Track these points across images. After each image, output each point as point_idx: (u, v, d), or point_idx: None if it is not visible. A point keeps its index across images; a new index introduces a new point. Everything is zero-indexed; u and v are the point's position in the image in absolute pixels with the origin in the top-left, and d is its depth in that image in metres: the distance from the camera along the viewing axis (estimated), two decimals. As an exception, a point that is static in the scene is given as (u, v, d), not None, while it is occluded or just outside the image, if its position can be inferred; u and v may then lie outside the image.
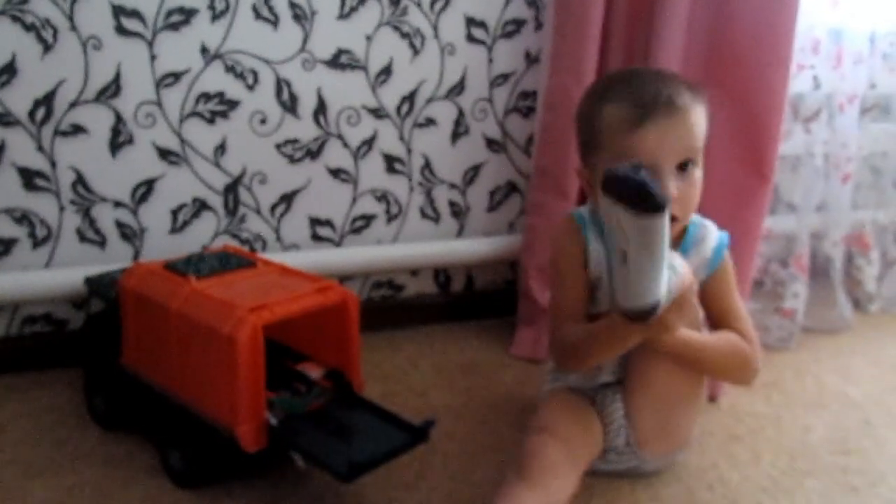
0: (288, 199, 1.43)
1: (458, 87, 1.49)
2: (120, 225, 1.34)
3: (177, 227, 1.37)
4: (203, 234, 1.39)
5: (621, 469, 1.11)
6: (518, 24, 1.50)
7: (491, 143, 1.55)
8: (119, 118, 1.29)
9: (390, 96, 1.45)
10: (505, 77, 1.52)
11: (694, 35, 1.34)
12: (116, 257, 1.34)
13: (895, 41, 1.65)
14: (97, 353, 1.17)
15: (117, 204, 1.33)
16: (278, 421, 0.94)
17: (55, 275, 1.29)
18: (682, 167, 1.00)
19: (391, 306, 1.57)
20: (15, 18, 1.20)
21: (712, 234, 1.10)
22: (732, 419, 1.30)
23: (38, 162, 1.27)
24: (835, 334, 1.68)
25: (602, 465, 1.10)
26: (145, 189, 1.34)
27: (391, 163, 1.49)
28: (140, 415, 1.11)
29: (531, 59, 1.52)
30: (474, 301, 1.64)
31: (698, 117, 1.00)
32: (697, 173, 1.01)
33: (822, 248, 1.70)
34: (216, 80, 1.33)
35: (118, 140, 1.30)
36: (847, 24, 1.57)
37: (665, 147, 0.97)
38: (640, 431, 1.06)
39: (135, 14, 1.26)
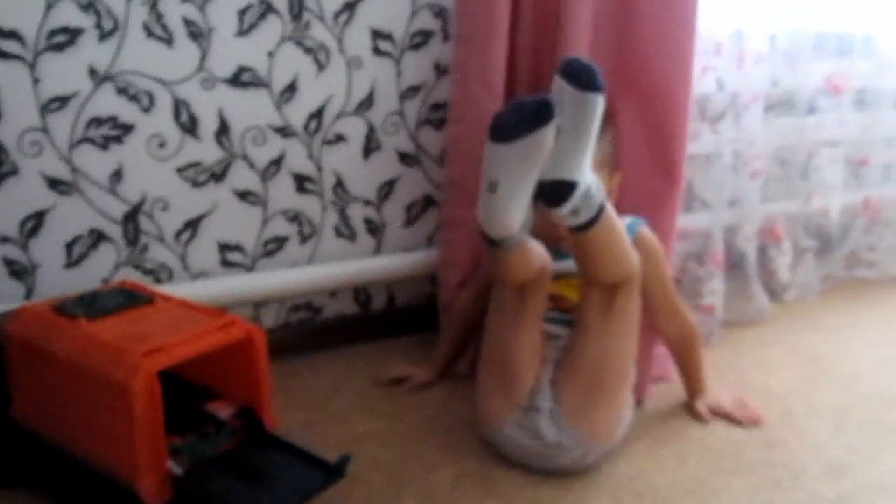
0: (193, 225, 1.37)
1: (368, 102, 1.46)
2: (8, 262, 1.25)
3: (73, 262, 1.29)
4: (102, 266, 1.32)
5: (551, 449, 1.11)
6: (426, 35, 1.47)
7: (404, 157, 1.52)
8: (1, 147, 1.20)
9: (297, 114, 1.40)
10: (415, 89, 1.49)
11: (600, 42, 1.34)
12: (6, 297, 1.25)
13: (794, 40, 1.69)
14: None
15: (4, 239, 1.24)
16: (184, 469, 0.89)
17: (-61, 321, 1.19)
18: None
19: (310, 330, 1.52)
20: None
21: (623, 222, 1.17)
22: (658, 422, 1.31)
23: (-88, 200, 1.17)
24: (754, 326, 1.71)
25: (530, 440, 1.12)
26: (34, 222, 1.25)
27: (301, 182, 1.44)
28: (35, 471, 1.03)
29: (441, 71, 1.50)
30: (397, 318, 1.60)
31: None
32: None
33: (735, 242, 1.73)
34: (108, 103, 1.26)
35: (1, 170, 1.21)
36: (748, 25, 1.60)
37: None
38: (564, 406, 1.11)
39: (13, 35, 1.17)
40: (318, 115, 1.42)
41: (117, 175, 1.29)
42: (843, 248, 1.96)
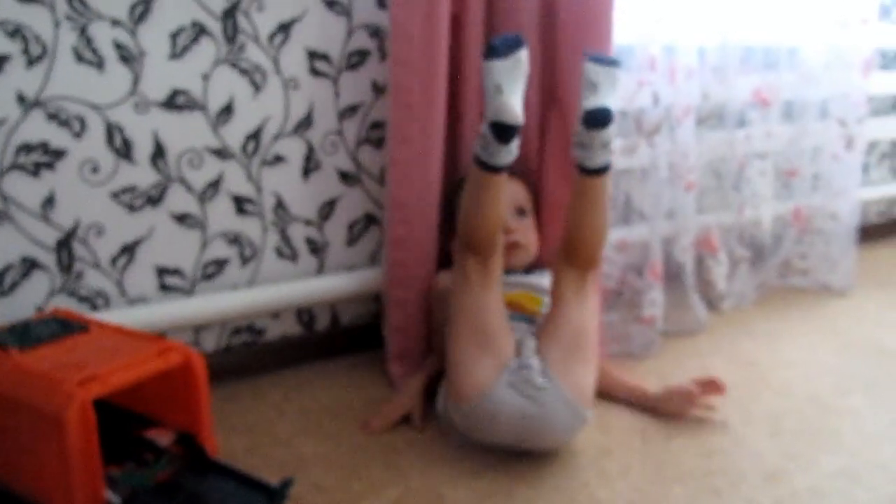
0: (130, 249, 1.35)
1: (306, 122, 1.46)
2: (-64, 294, 1.22)
3: (4, 290, 1.26)
4: (36, 295, 1.28)
5: (544, 407, 1.17)
6: (362, 55, 1.48)
7: (345, 177, 1.52)
8: (-74, 177, 1.17)
9: (234, 135, 1.39)
10: (353, 109, 1.50)
11: (533, 62, 1.38)
12: (-66, 330, 1.21)
13: (722, 54, 1.75)
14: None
15: (-69, 271, 1.21)
16: (122, 499, 0.87)
17: None
18: (520, 212, 1.46)
19: (253, 352, 1.51)
20: None
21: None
22: (601, 433, 1.32)
23: None
24: (693, 336, 1.75)
25: (524, 399, 1.18)
26: (-37, 252, 1.22)
27: (241, 204, 1.43)
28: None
29: (379, 90, 1.51)
30: (341, 338, 1.59)
31: (523, 185, 1.49)
32: (529, 221, 1.48)
33: (673, 254, 1.77)
34: (38, 129, 1.23)
35: (-74, 201, 1.18)
36: (678, 40, 1.64)
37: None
38: (551, 363, 1.20)
39: (-64, 63, 1.15)
40: (255, 136, 1.41)
41: (49, 202, 1.26)
42: (776, 257, 2.02)
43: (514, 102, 1.16)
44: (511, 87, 1.17)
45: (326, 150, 1.49)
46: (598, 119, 1.19)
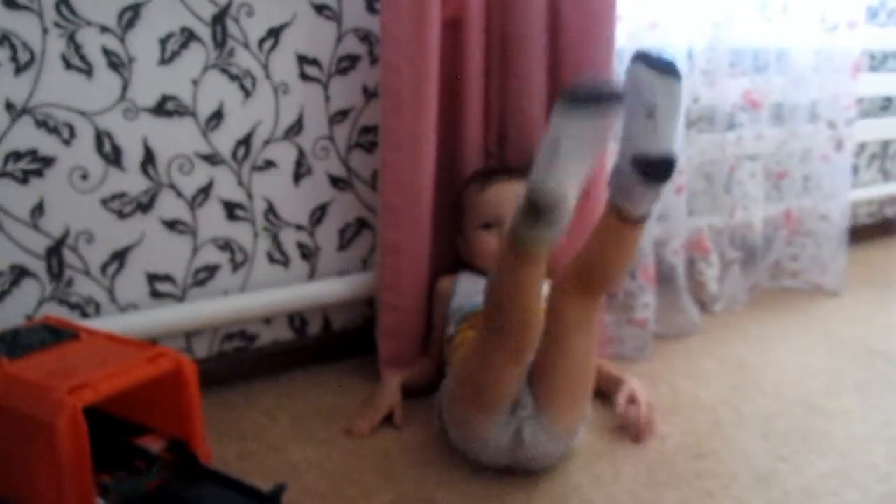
0: (120, 256, 1.34)
1: (297, 127, 1.45)
2: (-76, 303, 1.21)
3: (-6, 299, 1.26)
4: (26, 303, 1.28)
5: (522, 442, 1.14)
6: (352, 59, 1.48)
7: (336, 181, 1.52)
8: (-86, 185, 1.17)
9: (224, 141, 1.39)
10: (344, 113, 1.50)
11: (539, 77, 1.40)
12: (-77, 339, 1.20)
13: (711, 57, 1.75)
14: None
15: (-80, 280, 1.20)
16: (112, 508, 0.87)
17: None
18: None
19: (245, 358, 1.50)
20: None
21: None
22: (594, 435, 1.32)
23: None
24: (685, 338, 1.75)
25: (515, 439, 1.14)
26: (-48, 260, 1.22)
27: (231, 209, 1.43)
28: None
29: (369, 94, 1.51)
30: (334, 343, 1.59)
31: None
32: None
33: (665, 256, 1.78)
34: (27, 136, 1.23)
35: (-85, 209, 1.18)
36: (667, 42, 1.65)
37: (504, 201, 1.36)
38: (546, 406, 1.13)
39: (-76, 70, 1.14)
40: (246, 141, 1.41)
41: (39, 209, 1.26)
42: (768, 258, 2.03)
43: (567, 172, 0.89)
44: (574, 147, 0.89)
45: (317, 155, 1.49)
46: (659, 171, 0.94)
